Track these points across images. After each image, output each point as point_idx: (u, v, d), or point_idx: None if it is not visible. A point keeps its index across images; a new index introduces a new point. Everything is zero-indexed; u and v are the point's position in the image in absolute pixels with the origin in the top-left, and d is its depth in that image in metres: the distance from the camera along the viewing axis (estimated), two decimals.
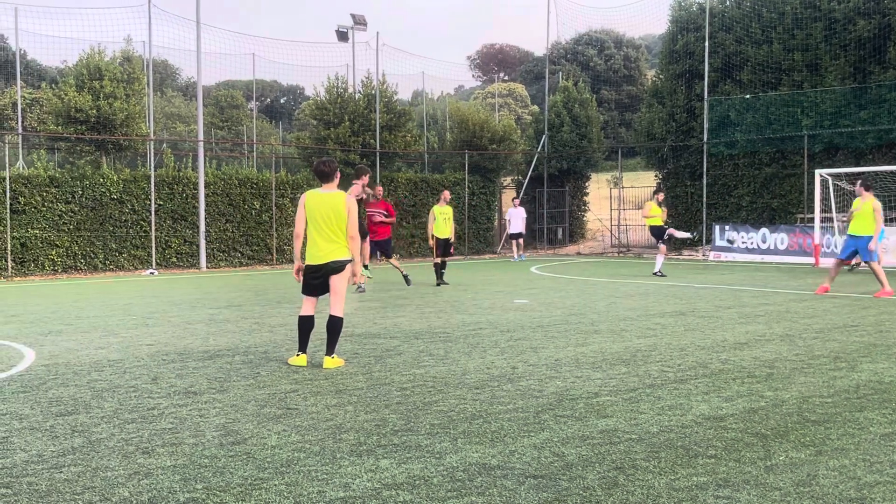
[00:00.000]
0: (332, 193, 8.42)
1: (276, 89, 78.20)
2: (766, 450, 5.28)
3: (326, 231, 8.31)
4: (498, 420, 6.09)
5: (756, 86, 30.43)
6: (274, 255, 27.71)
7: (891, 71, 26.84)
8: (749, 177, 30.59)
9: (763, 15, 30.34)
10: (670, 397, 6.78)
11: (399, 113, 31.20)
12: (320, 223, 8.31)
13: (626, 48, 64.43)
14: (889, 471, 4.83)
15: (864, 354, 8.75)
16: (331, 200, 8.36)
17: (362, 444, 5.48)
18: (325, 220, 8.30)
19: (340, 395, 7.01)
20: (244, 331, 11.17)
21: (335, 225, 8.32)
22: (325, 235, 8.32)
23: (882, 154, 27.20)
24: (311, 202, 8.38)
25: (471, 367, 8.19)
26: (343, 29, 31.83)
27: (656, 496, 4.46)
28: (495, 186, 35.46)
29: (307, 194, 8.49)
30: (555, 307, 13.69)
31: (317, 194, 8.43)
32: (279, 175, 28.72)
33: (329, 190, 8.45)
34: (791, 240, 25.87)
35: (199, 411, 6.47)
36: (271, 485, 4.69)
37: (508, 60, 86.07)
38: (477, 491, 4.56)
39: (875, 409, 6.34)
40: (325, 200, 8.36)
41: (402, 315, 12.79)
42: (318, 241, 8.34)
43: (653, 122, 33.50)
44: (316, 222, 8.33)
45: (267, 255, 27.66)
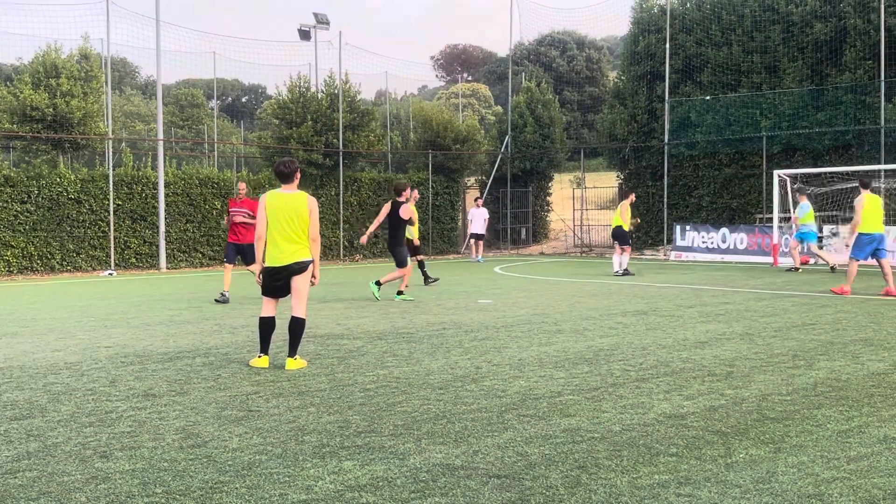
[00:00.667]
0: (294, 194, 8.36)
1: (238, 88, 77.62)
2: (726, 447, 5.33)
3: (289, 232, 8.22)
4: (461, 420, 6.08)
5: (716, 87, 30.78)
6: None
7: (847, 73, 27.28)
8: (709, 177, 30.93)
9: (723, 17, 30.69)
10: (632, 396, 6.82)
11: (362, 113, 31.11)
12: (283, 224, 8.22)
13: (588, 49, 64.82)
14: (846, 467, 4.90)
15: (822, 352, 8.88)
16: (292, 201, 8.29)
17: (325, 446, 5.44)
18: (288, 221, 8.22)
19: (303, 396, 6.96)
20: (205, 332, 11.06)
21: (297, 226, 8.25)
22: (286, 236, 8.23)
23: (838, 155, 27.65)
24: (272, 203, 8.30)
25: (434, 368, 8.18)
26: (305, 28, 31.67)
27: (619, 495, 4.48)
28: (459, 186, 35.50)
29: (268, 195, 8.40)
30: (518, 307, 13.73)
31: (278, 195, 8.36)
32: (241, 175, 28.52)
33: (290, 190, 8.39)
34: (750, 239, 26.19)
35: (159, 414, 6.39)
36: (232, 488, 4.64)
37: (472, 61, 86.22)
38: (440, 491, 4.55)
39: (832, 406, 6.43)
40: (287, 201, 8.29)
41: (365, 316, 12.74)
42: (280, 243, 8.25)
43: (614, 122, 33.75)
44: (278, 223, 8.24)
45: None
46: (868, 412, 6.21)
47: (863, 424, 5.86)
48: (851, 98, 27.07)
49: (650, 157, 32.77)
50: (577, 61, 63.60)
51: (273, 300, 8.50)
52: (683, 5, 32.44)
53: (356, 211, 31.13)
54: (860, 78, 26.98)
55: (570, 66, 63.29)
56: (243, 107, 77.00)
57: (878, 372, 7.75)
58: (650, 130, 32.81)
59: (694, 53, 31.37)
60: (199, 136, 49.74)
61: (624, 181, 34.28)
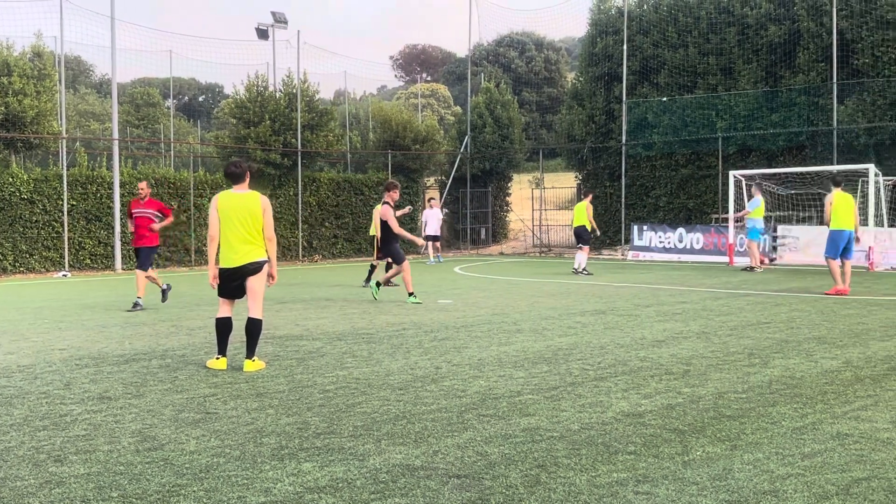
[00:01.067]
0: (246, 194, 8.31)
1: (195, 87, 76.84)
2: (683, 445, 5.39)
3: (242, 233, 8.15)
4: (421, 420, 6.08)
5: (672, 89, 31.12)
6: (192, 256, 27.21)
7: (800, 75, 27.73)
8: (666, 178, 31.26)
9: (679, 19, 31.03)
10: (591, 395, 6.87)
11: (321, 112, 30.97)
12: (236, 224, 8.15)
13: (546, 50, 65.18)
14: (800, 463, 4.97)
15: (777, 350, 9.01)
16: (245, 201, 8.24)
17: (284, 448, 5.40)
18: (241, 222, 8.15)
19: (261, 398, 6.91)
20: (161, 334, 10.94)
21: (251, 225, 8.18)
22: (240, 237, 8.16)
23: (792, 156, 28.10)
24: (223, 204, 8.23)
25: (394, 368, 8.16)
26: (263, 27, 31.44)
27: (578, 493, 4.50)
28: (419, 187, 35.50)
29: (219, 196, 8.34)
30: (478, 307, 13.75)
31: (230, 195, 8.30)
32: (197, 174, 28.23)
33: (241, 191, 8.34)
34: (706, 239, 26.50)
35: (115, 417, 6.30)
36: (190, 491, 4.59)
37: (431, 61, 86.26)
38: (400, 492, 4.54)
39: (787, 403, 6.52)
40: (239, 201, 8.23)
41: (324, 316, 12.68)
42: (234, 243, 8.18)
43: (573, 123, 33.98)
44: (231, 224, 8.17)
45: (185, 256, 27.15)
46: (821, 409, 6.32)
47: (816, 421, 5.96)
48: (805, 100, 27.52)
49: (608, 157, 33.04)
50: (536, 62, 63.93)
51: (229, 301, 8.43)
52: (640, 7, 32.76)
53: (315, 211, 30.98)
54: (813, 80, 27.44)
55: (529, 67, 63.59)
56: (200, 106, 76.27)
57: (830, 369, 7.88)
58: (608, 131, 33.08)
59: (651, 55, 31.69)
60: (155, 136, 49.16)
61: (582, 181, 34.54)
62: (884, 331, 10.43)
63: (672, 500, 4.39)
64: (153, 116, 54.46)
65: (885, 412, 6.20)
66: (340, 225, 31.78)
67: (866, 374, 7.65)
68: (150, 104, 56.14)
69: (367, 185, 32.58)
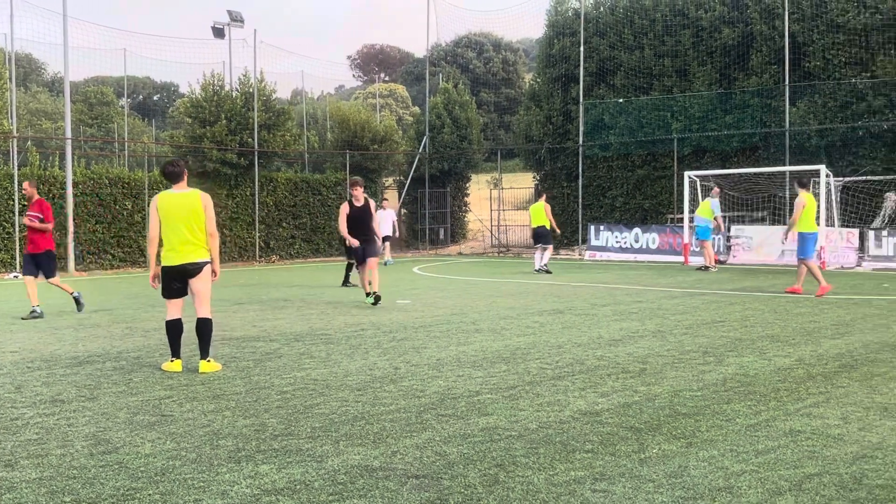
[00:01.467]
0: (187, 192, 8.26)
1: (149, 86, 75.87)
2: (639, 443, 5.44)
3: (185, 232, 8.12)
4: (380, 421, 6.06)
5: (629, 90, 31.41)
6: (147, 256, 26.87)
7: (753, 78, 28.14)
8: (622, 178, 31.54)
9: (635, 21, 31.33)
10: (549, 394, 6.91)
11: (278, 112, 30.76)
12: (178, 224, 8.12)
13: (504, 51, 65.40)
14: (754, 460, 5.05)
15: (731, 349, 9.13)
16: (186, 200, 8.20)
17: (241, 450, 5.36)
18: (184, 221, 8.11)
19: (217, 400, 6.85)
20: (115, 336, 10.79)
21: (194, 224, 8.15)
22: (182, 237, 8.13)
23: (745, 157, 28.50)
24: (164, 204, 8.17)
25: (353, 369, 8.13)
26: (219, 25, 31.14)
27: (536, 492, 4.52)
28: (377, 187, 35.41)
29: (159, 197, 8.27)
30: (437, 307, 13.76)
31: (170, 195, 8.23)
32: (152, 174, 27.86)
33: (181, 189, 8.28)
34: (662, 239, 26.78)
35: (67, 420, 6.20)
36: (145, 494, 4.54)
37: (389, 61, 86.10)
38: (359, 493, 4.53)
39: (741, 401, 6.61)
40: (180, 200, 8.19)
41: (282, 317, 12.60)
42: (176, 244, 8.15)
43: (530, 124, 34.15)
44: (173, 223, 8.13)
45: (139, 257, 26.79)
46: (775, 406, 6.42)
47: (770, 418, 6.05)
48: (758, 102, 27.94)
49: (565, 158, 33.24)
50: (494, 63, 64.13)
51: (177, 301, 8.34)
52: (597, 9, 33.02)
53: (272, 211, 30.75)
54: (766, 82, 27.87)
55: (487, 68, 63.77)
56: (155, 105, 75.34)
57: (783, 367, 8.01)
58: (565, 132, 33.29)
59: (607, 57, 31.95)
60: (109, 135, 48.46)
61: (540, 182, 34.72)
62: (835, 329, 10.63)
63: (629, 497, 4.43)
64: (107, 115, 53.67)
65: (835, 409, 6.31)
66: (298, 225, 31.59)
67: (818, 371, 7.79)
68: (103, 103, 55.31)
69: (324, 185, 32.43)
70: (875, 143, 25.71)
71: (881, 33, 25.62)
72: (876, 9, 25.69)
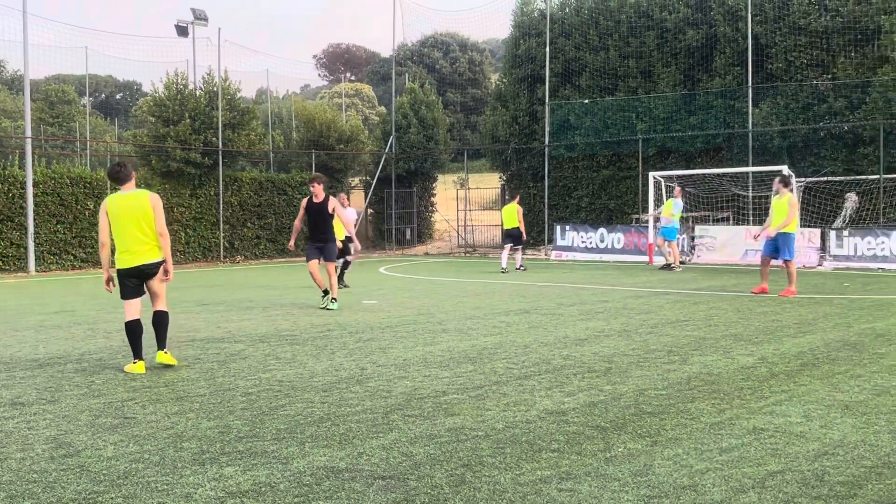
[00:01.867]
0: (135, 193, 8.30)
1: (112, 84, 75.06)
2: (605, 442, 5.46)
3: (136, 233, 8.16)
4: (346, 422, 6.03)
5: (594, 91, 31.60)
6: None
7: (717, 79, 28.44)
8: (588, 178, 31.72)
9: (600, 23, 31.52)
10: (515, 393, 6.92)
11: (242, 111, 30.54)
12: (129, 225, 8.15)
13: (470, 52, 65.52)
14: (718, 458, 5.09)
15: (695, 348, 9.21)
16: (135, 200, 8.23)
17: (205, 453, 5.30)
18: (135, 222, 8.16)
19: (181, 402, 6.77)
20: (77, 337, 10.64)
21: (144, 224, 8.19)
22: (134, 237, 8.17)
23: (709, 157, 28.79)
24: (113, 206, 8.20)
25: (319, 370, 8.09)
26: (183, 24, 30.86)
27: (502, 492, 4.52)
28: (343, 187, 35.29)
29: (108, 200, 8.28)
30: (403, 307, 13.73)
31: (119, 197, 8.26)
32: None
33: (129, 191, 8.32)
34: (627, 239, 26.96)
35: (28, 423, 6.10)
36: (107, 498, 4.47)
37: (355, 60, 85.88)
38: (325, 495, 4.50)
39: (705, 399, 6.67)
40: (129, 201, 8.22)
41: (247, 318, 12.51)
42: (129, 245, 8.19)
43: (497, 124, 34.23)
44: (125, 225, 8.16)
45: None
46: (738, 404, 6.48)
47: (733, 416, 6.10)
48: (721, 103, 28.24)
49: (531, 158, 33.36)
50: (460, 63, 64.22)
51: (135, 301, 8.33)
52: (563, 10, 33.18)
53: (237, 211, 30.52)
54: (729, 83, 28.17)
55: (453, 68, 63.84)
56: (118, 104, 74.54)
57: (747, 366, 8.09)
58: (531, 132, 33.41)
59: (573, 57, 32.11)
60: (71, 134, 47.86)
61: (506, 182, 34.83)
62: (797, 327, 10.76)
63: (595, 496, 4.44)
64: (68, 114, 53.01)
65: (798, 407, 6.39)
66: (263, 225, 31.38)
67: (780, 369, 7.88)
68: (65, 101, 54.62)
69: (290, 184, 32.26)
70: (836, 145, 26.10)
71: (842, 36, 26.01)
72: (837, 12, 26.09)
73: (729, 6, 28.12)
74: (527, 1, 34.81)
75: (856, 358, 8.46)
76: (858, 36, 25.81)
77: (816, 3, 26.54)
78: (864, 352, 8.83)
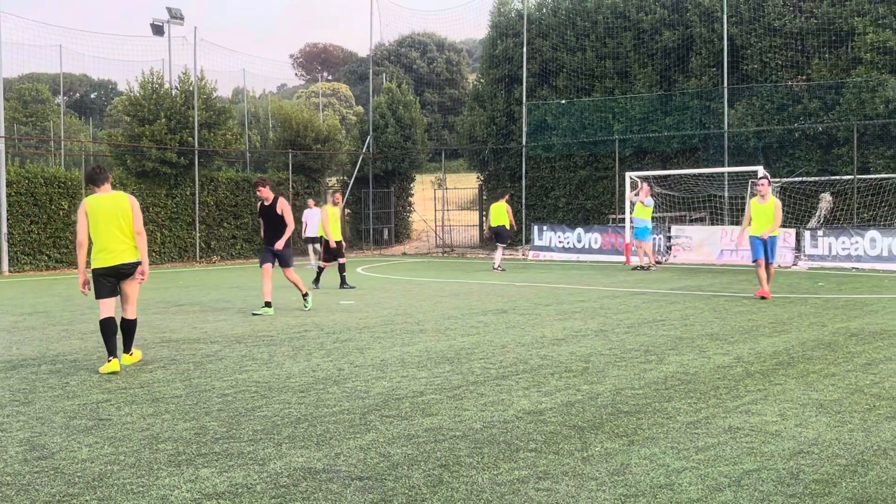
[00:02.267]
0: (113, 195, 8.47)
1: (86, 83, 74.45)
2: (582, 441, 5.48)
3: (115, 232, 8.31)
4: (323, 423, 6.01)
5: (571, 91, 31.69)
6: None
7: (693, 80, 28.61)
8: (565, 179, 31.80)
9: (577, 23, 31.61)
10: (492, 393, 6.92)
11: (219, 110, 30.37)
12: (109, 225, 8.30)
13: (448, 52, 65.56)
14: (694, 457, 5.12)
15: (672, 347, 9.25)
16: (113, 201, 8.40)
17: (181, 454, 5.27)
18: (115, 221, 8.32)
19: (157, 403, 6.73)
20: (51, 338, 10.54)
21: (123, 224, 8.34)
22: (113, 237, 8.31)
23: (685, 158, 28.95)
24: (93, 207, 8.35)
25: (296, 371, 8.06)
26: (159, 23, 30.65)
27: (480, 491, 4.53)
28: (320, 186, 35.19)
29: (86, 201, 8.42)
30: (381, 307, 13.71)
31: (97, 199, 8.41)
32: None
33: (107, 192, 8.49)
34: (604, 239, 27.05)
35: (1, 425, 6.03)
36: (82, 500, 4.43)
37: (332, 60, 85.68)
38: (302, 496, 4.48)
39: (681, 398, 6.70)
40: (108, 202, 8.38)
41: (223, 319, 12.44)
42: (107, 244, 8.32)
43: (474, 124, 34.25)
44: (104, 225, 8.30)
45: (76, 257, 26.22)
46: (714, 403, 6.52)
47: (709, 416, 6.14)
48: (697, 104, 28.41)
49: (509, 158, 33.41)
50: (438, 63, 64.24)
51: (110, 300, 8.39)
52: (540, 11, 33.24)
53: (213, 211, 30.35)
54: (705, 84, 28.34)
55: (431, 68, 63.86)
56: (92, 103, 73.94)
57: (723, 365, 8.14)
58: (509, 132, 33.47)
59: (550, 58, 32.19)
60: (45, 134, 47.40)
61: (484, 182, 34.86)
62: (772, 327, 10.84)
63: (572, 496, 4.45)
64: (42, 113, 52.52)
65: (773, 405, 6.43)
66: (239, 225, 31.22)
67: (756, 369, 7.93)
68: (38, 101, 54.12)
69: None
70: (810, 145, 26.33)
71: (816, 37, 26.25)
72: (811, 13, 26.33)
73: (705, 7, 28.29)
74: (504, 1, 34.87)
75: (830, 357, 8.54)
76: (832, 37, 26.05)
77: (791, 5, 26.76)
78: (838, 351, 8.91)
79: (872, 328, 10.65)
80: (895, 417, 6.04)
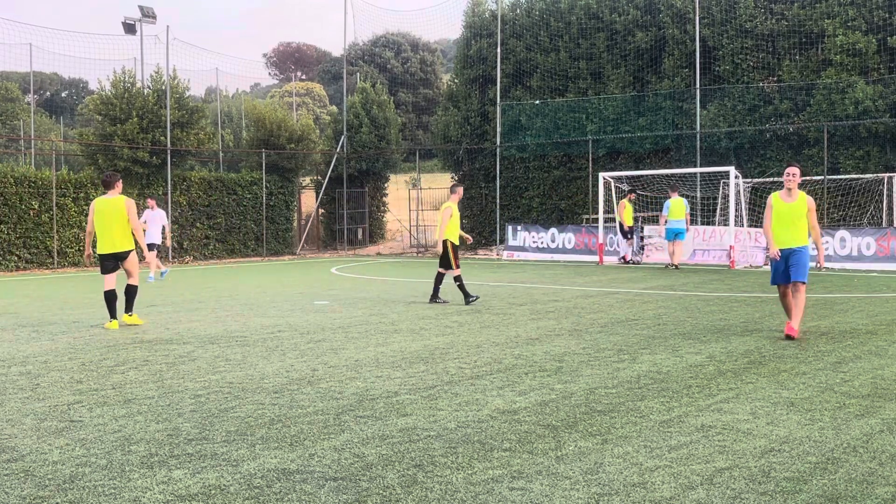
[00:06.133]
0: (115, 198, 11.39)
1: (57, 82, 73.64)
2: (556, 440, 5.50)
3: (114, 227, 11.30)
4: (297, 424, 5.99)
5: (545, 92, 31.78)
6: (55, 258, 26.04)
7: (666, 81, 28.79)
8: (539, 179, 31.89)
9: (551, 24, 31.71)
10: (467, 393, 6.93)
11: (191, 110, 30.15)
12: (111, 222, 11.28)
13: (422, 52, 65.53)
14: (667, 455, 5.15)
15: (645, 346, 9.31)
16: (113, 204, 11.34)
17: (153, 456, 5.23)
18: (117, 219, 11.28)
19: (129, 404, 6.67)
20: (21, 339, 10.42)
21: (121, 222, 11.30)
22: (112, 231, 11.30)
23: (658, 158, 29.13)
24: (99, 207, 11.33)
25: (269, 371, 8.02)
26: (130, 21, 30.38)
27: (454, 491, 4.53)
28: (294, 186, 35.06)
29: (96, 201, 11.42)
30: (355, 308, 13.68)
31: (103, 200, 11.38)
32: (60, 173, 27.04)
33: (112, 195, 11.42)
34: (577, 239, 27.17)
35: None
36: (53, 502, 4.39)
37: (306, 59, 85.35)
38: (276, 497, 4.46)
39: (654, 397, 6.75)
40: (112, 204, 11.34)
41: (196, 319, 12.36)
42: (108, 236, 11.31)
43: (448, 125, 34.26)
44: (107, 222, 11.28)
45: (47, 258, 25.96)
46: (687, 402, 6.57)
47: (682, 414, 6.19)
48: (670, 104, 28.60)
49: (483, 158, 33.46)
50: (412, 63, 64.19)
51: (112, 276, 11.46)
52: (514, 11, 33.32)
53: (186, 211, 30.14)
54: (678, 85, 28.54)
55: (405, 68, 63.80)
56: (63, 102, 73.19)
57: (695, 364, 8.21)
58: (483, 133, 33.51)
59: (524, 58, 32.27)
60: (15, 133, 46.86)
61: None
62: (744, 326, 10.94)
63: (546, 495, 4.47)
64: (12, 112, 51.91)
65: (745, 404, 6.49)
66: (212, 225, 31.03)
67: (728, 368, 8.00)
68: (8, 99, 53.48)
69: (240, 184, 31.95)
70: (781, 146, 26.60)
71: (787, 39, 26.52)
72: (782, 15, 26.59)
73: (677, 9, 28.49)
74: (478, 2, 34.91)
75: (801, 356, 8.63)
76: (803, 39, 26.33)
77: (762, 7, 27.01)
78: (808, 350, 9.01)
79: (842, 327, 10.77)
80: (864, 415, 6.12)
